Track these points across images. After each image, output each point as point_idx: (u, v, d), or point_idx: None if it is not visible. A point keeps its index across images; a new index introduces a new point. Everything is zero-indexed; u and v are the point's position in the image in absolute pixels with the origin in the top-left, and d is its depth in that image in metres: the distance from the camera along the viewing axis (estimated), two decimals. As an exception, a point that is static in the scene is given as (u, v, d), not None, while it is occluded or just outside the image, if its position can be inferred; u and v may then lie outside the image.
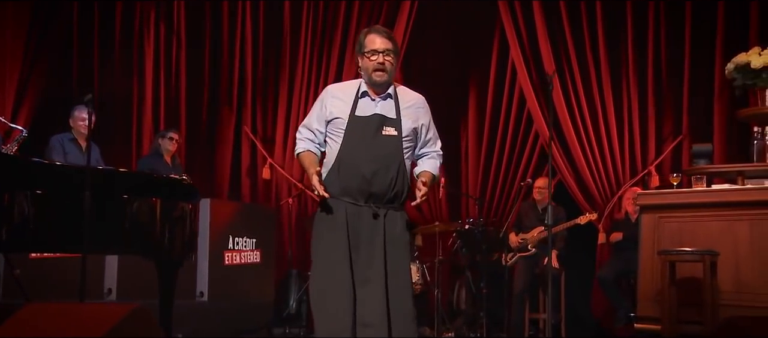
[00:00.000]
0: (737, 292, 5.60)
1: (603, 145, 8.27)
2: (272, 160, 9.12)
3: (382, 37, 4.11)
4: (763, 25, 7.74)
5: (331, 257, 4.02)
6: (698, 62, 8.08)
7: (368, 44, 4.11)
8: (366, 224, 4.04)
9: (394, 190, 4.08)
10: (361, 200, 4.04)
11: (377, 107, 4.13)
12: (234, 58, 9.38)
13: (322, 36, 9.12)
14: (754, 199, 5.69)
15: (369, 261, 4.01)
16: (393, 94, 4.18)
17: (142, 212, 5.03)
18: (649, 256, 5.94)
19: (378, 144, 4.05)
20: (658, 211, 5.99)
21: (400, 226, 4.13)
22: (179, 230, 5.13)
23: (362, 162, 4.02)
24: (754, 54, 6.59)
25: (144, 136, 9.13)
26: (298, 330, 7.94)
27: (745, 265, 5.61)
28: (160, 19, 9.35)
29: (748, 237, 5.63)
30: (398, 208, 4.14)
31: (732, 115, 7.80)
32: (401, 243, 4.12)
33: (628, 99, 8.26)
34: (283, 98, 9.17)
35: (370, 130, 4.07)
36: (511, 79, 8.79)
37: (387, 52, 4.08)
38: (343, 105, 4.14)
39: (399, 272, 4.06)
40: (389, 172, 4.05)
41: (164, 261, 5.06)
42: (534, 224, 7.87)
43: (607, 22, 8.34)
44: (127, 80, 9.18)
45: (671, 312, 5.53)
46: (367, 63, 4.11)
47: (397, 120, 4.12)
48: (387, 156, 4.06)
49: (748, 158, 7.29)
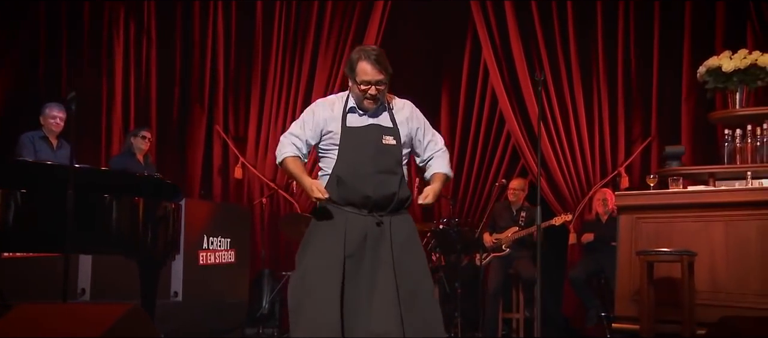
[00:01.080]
0: (712, 292, 5.71)
1: (574, 146, 8.36)
2: (244, 159, 9.07)
3: (375, 67, 3.96)
4: (729, 29, 7.88)
5: (321, 262, 3.92)
6: (666, 66, 8.20)
7: (360, 74, 3.98)
8: (370, 233, 3.97)
9: (397, 200, 4.04)
10: (363, 210, 3.99)
11: (370, 118, 4.08)
12: (205, 57, 9.30)
13: (294, 35, 9.09)
14: (729, 201, 5.81)
15: (374, 269, 3.94)
16: (386, 106, 4.13)
17: (124, 211, 4.97)
18: (627, 256, 6.03)
19: (379, 155, 4.00)
20: (636, 212, 6.09)
21: (408, 230, 4.08)
22: (162, 230, 5.09)
23: (363, 175, 3.97)
24: (725, 58, 6.74)
25: (113, 134, 9.02)
26: (271, 330, 7.91)
27: (720, 265, 5.73)
28: (130, 17, 9.25)
29: (723, 238, 5.74)
30: (403, 212, 4.10)
31: (698, 117, 7.96)
32: (411, 246, 4.07)
33: (599, 101, 8.36)
34: (255, 97, 9.12)
35: (368, 141, 4.02)
36: (483, 80, 8.84)
37: (379, 82, 3.98)
38: (333, 117, 4.06)
39: (414, 276, 3.99)
40: (392, 184, 4.01)
41: (147, 260, 5.01)
42: (508, 224, 7.92)
43: (577, 25, 8.42)
44: (96, 78, 9.06)
45: (649, 312, 5.62)
46: (357, 90, 4.01)
47: (395, 128, 4.08)
48: (387, 166, 4.02)
49: (715, 159, 7.46)
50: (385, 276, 3.93)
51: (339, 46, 8.89)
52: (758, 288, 5.56)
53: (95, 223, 4.88)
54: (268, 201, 8.74)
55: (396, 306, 3.89)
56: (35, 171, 4.91)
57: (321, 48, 8.95)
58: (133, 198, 4.95)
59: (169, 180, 5.44)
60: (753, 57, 6.65)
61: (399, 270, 3.95)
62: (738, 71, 6.68)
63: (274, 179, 8.93)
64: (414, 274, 4.00)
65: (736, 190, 5.97)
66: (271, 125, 9.03)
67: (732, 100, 6.87)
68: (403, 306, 3.90)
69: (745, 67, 6.65)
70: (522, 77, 8.47)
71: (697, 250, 5.61)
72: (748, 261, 5.63)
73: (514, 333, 7.98)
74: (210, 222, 7.49)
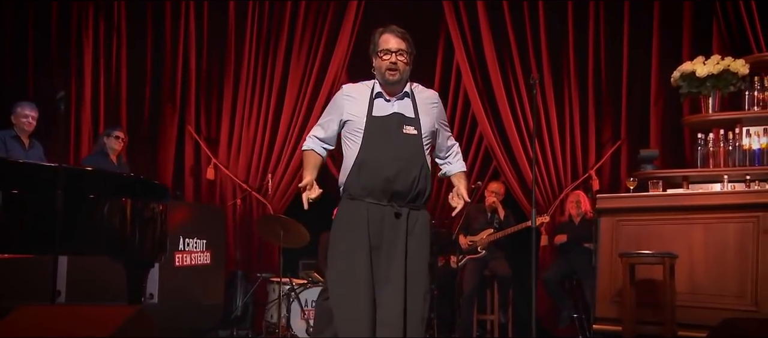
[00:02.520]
0: (692, 293, 5.82)
1: (545, 149, 8.43)
2: (216, 159, 8.99)
3: (396, 36, 4.08)
4: (696, 35, 8.00)
5: (352, 260, 3.98)
6: (636, 71, 8.30)
7: (382, 44, 4.09)
8: (388, 224, 4.03)
9: (416, 190, 4.08)
10: (383, 199, 4.03)
11: (394, 106, 4.13)
12: (177, 56, 9.21)
13: (267, 35, 9.04)
14: (708, 204, 5.91)
15: (389, 261, 4.01)
16: (410, 93, 4.18)
17: (112, 212, 4.90)
18: (608, 258, 6.12)
19: (399, 143, 4.04)
20: (617, 215, 6.17)
21: (422, 227, 4.12)
22: (150, 230, 5.03)
23: (384, 162, 4.01)
24: (698, 63, 6.88)
25: (83, 134, 8.91)
26: (245, 331, 7.86)
27: (699, 267, 5.83)
28: (100, 15, 9.13)
29: (702, 240, 5.85)
30: (420, 207, 4.15)
31: (667, 121, 8.09)
32: (423, 245, 4.11)
33: (570, 105, 8.44)
34: (227, 97, 9.05)
35: (390, 130, 4.06)
36: (456, 82, 8.89)
37: (400, 51, 4.06)
38: (359, 105, 4.12)
39: (418, 274, 4.05)
40: (412, 172, 4.04)
41: (134, 261, 4.95)
42: (482, 227, 7.97)
43: (549, 29, 8.50)
44: (65, 78, 8.93)
45: (631, 314, 5.70)
46: (379, 62, 4.09)
47: (417, 119, 4.12)
48: (409, 156, 4.05)
49: (683, 162, 7.62)
50: (397, 269, 3.99)
51: (312, 47, 8.86)
52: (736, 290, 5.68)
53: (82, 224, 4.79)
54: (241, 202, 8.68)
55: (402, 300, 3.95)
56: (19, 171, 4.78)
57: (294, 48, 8.91)
58: (120, 198, 4.88)
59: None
60: (725, 62, 6.79)
61: (410, 267, 4.01)
62: (711, 76, 6.82)
63: (246, 180, 8.88)
64: (419, 273, 4.05)
65: (715, 194, 6.10)
66: (243, 126, 8.97)
67: (705, 104, 7.01)
68: (408, 301, 3.97)
69: (718, 73, 6.79)
70: (494, 80, 8.53)
71: (677, 252, 5.71)
72: (726, 263, 5.74)
73: (488, 334, 8.03)
74: (186, 224, 7.42)
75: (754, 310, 5.54)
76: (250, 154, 8.92)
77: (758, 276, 5.59)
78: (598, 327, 6.12)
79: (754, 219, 5.67)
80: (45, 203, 4.60)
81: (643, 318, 5.80)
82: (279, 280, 7.21)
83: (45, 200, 4.60)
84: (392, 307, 3.93)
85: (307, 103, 8.78)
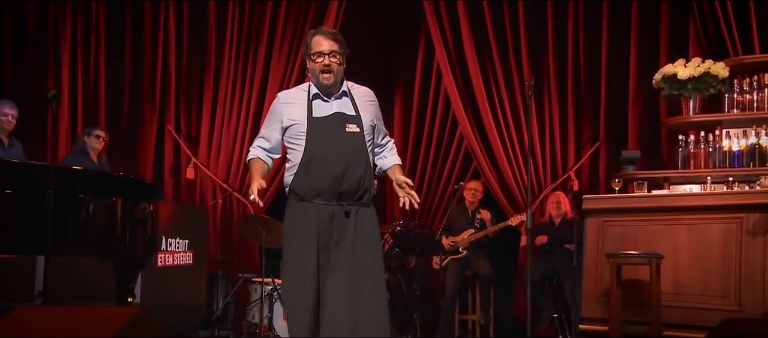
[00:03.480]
0: (676, 293, 5.88)
1: (525, 149, 8.47)
2: (196, 159, 8.94)
3: (328, 38, 4.11)
4: (673, 39, 8.07)
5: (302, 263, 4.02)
6: (614, 72, 8.36)
7: (314, 46, 4.11)
8: (336, 223, 4.06)
9: (363, 187, 4.12)
10: (332, 199, 4.06)
11: (333, 106, 4.16)
12: (156, 55, 9.14)
13: (248, 35, 9.00)
14: (692, 205, 5.99)
15: (336, 261, 4.04)
16: (347, 91, 4.22)
17: (103, 212, 4.85)
18: (593, 259, 6.17)
19: (343, 142, 4.08)
20: (602, 215, 6.23)
21: (371, 225, 4.17)
22: (141, 230, 4.98)
23: (330, 161, 4.04)
24: (680, 66, 6.96)
25: (60, 133, 8.82)
26: (226, 332, 7.82)
27: (683, 267, 5.90)
28: (77, 13, 9.04)
29: (686, 241, 5.92)
30: (368, 205, 4.19)
31: (644, 122, 8.17)
32: (373, 242, 4.17)
33: (550, 105, 8.50)
34: (207, 97, 9.00)
35: (333, 129, 4.09)
36: (436, 82, 8.91)
37: (333, 53, 4.09)
38: (297, 109, 4.15)
39: (371, 272, 4.09)
40: (358, 170, 4.09)
41: (125, 262, 4.89)
42: (464, 227, 8.00)
43: (529, 31, 8.54)
44: (42, 76, 8.81)
45: (618, 313, 5.76)
46: (313, 65, 4.12)
47: (357, 116, 4.16)
48: (354, 154, 4.09)
49: (661, 163, 7.70)
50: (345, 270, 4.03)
51: (293, 47, 8.83)
52: (720, 289, 5.75)
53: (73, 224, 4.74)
54: (223, 202, 8.63)
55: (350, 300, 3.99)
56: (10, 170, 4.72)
57: (275, 48, 8.88)
58: (111, 198, 4.83)
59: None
60: (706, 65, 6.89)
61: (361, 266, 4.05)
62: (692, 79, 6.91)
63: (226, 180, 8.83)
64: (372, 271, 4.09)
65: (700, 195, 6.17)
66: (223, 125, 8.92)
67: (686, 106, 7.10)
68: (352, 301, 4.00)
69: (699, 75, 6.88)
70: (475, 80, 8.56)
71: (662, 253, 5.77)
72: (710, 263, 5.81)
73: (469, 334, 8.06)
74: (168, 224, 7.34)
75: (738, 310, 5.60)
76: (230, 153, 8.88)
77: (741, 277, 5.65)
78: (585, 327, 6.17)
79: (737, 220, 5.74)
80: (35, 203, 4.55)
81: (628, 318, 5.85)
82: (261, 281, 7.18)
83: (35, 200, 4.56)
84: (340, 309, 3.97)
85: (288, 103, 8.71)
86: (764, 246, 5.61)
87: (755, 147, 6.71)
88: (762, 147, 6.68)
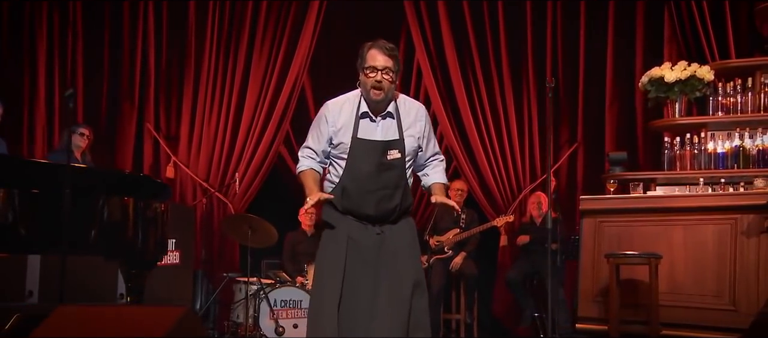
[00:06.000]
0: (672, 292, 5.97)
1: (505, 150, 8.53)
2: (176, 158, 8.81)
3: (384, 54, 4.03)
4: (648, 43, 8.20)
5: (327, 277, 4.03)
6: (591, 75, 8.47)
7: (369, 60, 4.04)
8: (369, 239, 4.04)
9: (397, 213, 4.09)
10: (364, 221, 4.05)
11: (378, 129, 4.09)
12: (135, 52, 9.01)
13: (229, 33, 8.93)
14: (687, 205, 6.09)
15: (374, 275, 4.00)
16: (394, 112, 4.13)
17: (116, 212, 4.76)
18: (590, 258, 6.23)
19: (382, 171, 4.02)
20: (599, 216, 6.30)
21: (405, 238, 4.12)
22: (152, 230, 4.89)
23: (366, 190, 4.01)
24: (666, 69, 7.08)
25: (36, 130, 8.63)
26: (210, 332, 7.71)
27: (679, 267, 5.99)
28: (54, 10, 8.86)
29: (682, 241, 6.01)
30: (398, 221, 4.13)
31: (621, 124, 8.29)
32: (407, 255, 4.09)
33: (529, 107, 8.56)
34: (187, 95, 8.90)
35: (374, 157, 4.02)
36: (416, 81, 8.93)
37: (386, 70, 4.02)
38: (345, 125, 4.08)
39: (408, 281, 4.02)
40: (394, 199, 4.05)
41: (137, 261, 4.79)
42: (449, 227, 8.01)
43: (508, 31, 8.62)
44: (17, 72, 8.61)
45: (617, 313, 5.82)
46: (364, 79, 4.05)
47: (400, 141, 4.08)
48: (391, 183, 4.03)
49: (636, 164, 7.81)
50: (382, 280, 3.99)
51: (274, 46, 8.78)
52: (715, 289, 5.85)
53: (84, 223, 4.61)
54: (207, 201, 8.51)
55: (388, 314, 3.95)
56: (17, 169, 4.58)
57: (256, 47, 8.82)
58: (123, 197, 4.72)
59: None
60: (692, 69, 7.01)
61: (391, 279, 3.99)
62: (679, 82, 7.02)
63: (207, 179, 8.73)
64: (403, 284, 4.02)
65: (695, 196, 6.27)
66: (204, 124, 8.82)
67: (672, 109, 7.21)
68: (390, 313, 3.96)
69: (685, 78, 6.99)
70: (455, 80, 8.59)
71: (658, 252, 5.85)
72: (705, 263, 5.91)
73: (453, 333, 8.08)
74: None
75: (733, 309, 5.72)
76: (210, 152, 8.79)
77: (736, 276, 5.77)
78: (582, 326, 6.23)
79: (732, 221, 5.85)
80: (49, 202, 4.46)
81: (624, 317, 5.92)
82: (247, 280, 7.10)
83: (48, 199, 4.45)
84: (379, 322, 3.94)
85: (269, 102, 8.71)
86: (758, 246, 5.73)
87: (739, 149, 6.86)
88: (746, 149, 6.83)
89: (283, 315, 7.19)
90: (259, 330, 7.05)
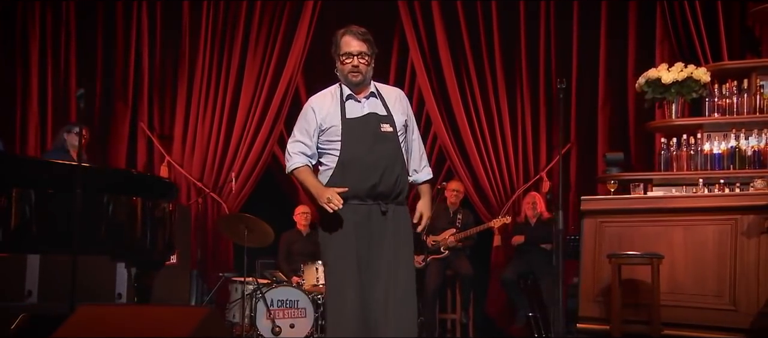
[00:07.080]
0: (672, 292, 6.00)
1: (499, 151, 8.55)
2: (170, 158, 8.77)
3: (357, 39, 4.12)
4: (640, 44, 8.25)
5: (342, 271, 4.05)
6: (584, 76, 8.50)
7: (343, 46, 4.13)
8: (375, 222, 4.07)
9: (399, 187, 4.14)
10: (368, 200, 4.07)
11: (366, 106, 4.16)
12: (129, 51, 8.97)
13: (223, 32, 8.91)
14: (687, 206, 6.13)
15: (378, 261, 4.06)
16: (376, 92, 4.22)
17: (124, 211, 4.72)
18: (591, 259, 6.25)
19: (379, 143, 4.08)
20: (599, 216, 6.32)
21: (406, 223, 4.20)
22: (160, 230, 4.86)
23: (368, 163, 4.05)
24: (663, 70, 7.10)
25: (29, 129, 8.57)
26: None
27: (679, 267, 6.03)
28: (47, 8, 8.81)
29: (682, 241, 6.05)
30: (402, 204, 4.21)
31: (613, 125, 8.33)
32: (408, 241, 4.19)
33: (522, 108, 8.58)
34: (182, 94, 8.88)
35: (368, 130, 4.10)
36: (410, 81, 8.93)
37: (362, 54, 4.11)
38: (331, 111, 4.14)
39: (406, 270, 4.12)
40: (395, 170, 4.10)
41: (145, 262, 4.75)
42: (445, 227, 8.02)
43: (502, 32, 8.64)
44: (10, 72, 8.56)
45: (619, 313, 5.84)
46: (341, 66, 4.13)
47: (390, 116, 4.16)
48: (390, 154, 4.10)
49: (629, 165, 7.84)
50: (384, 267, 4.06)
51: (268, 45, 8.77)
52: (715, 289, 5.89)
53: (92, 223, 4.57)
54: (202, 201, 8.46)
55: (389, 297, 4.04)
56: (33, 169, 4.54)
57: (250, 46, 8.81)
58: (130, 197, 4.68)
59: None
60: (689, 70, 7.03)
61: (397, 264, 4.08)
62: (675, 83, 7.05)
63: (201, 178, 8.68)
64: (406, 269, 4.13)
65: (695, 196, 6.31)
66: (198, 123, 8.80)
67: (668, 110, 7.24)
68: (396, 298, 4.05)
69: (682, 79, 7.02)
70: (449, 80, 8.60)
71: (658, 252, 5.88)
72: (705, 263, 5.95)
73: (448, 333, 8.09)
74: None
75: (733, 309, 5.76)
76: (204, 151, 8.77)
77: (736, 277, 5.81)
78: (583, 325, 6.25)
79: (732, 221, 5.89)
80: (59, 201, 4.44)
81: (625, 317, 5.95)
82: (243, 280, 7.07)
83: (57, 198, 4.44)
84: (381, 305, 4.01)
85: (263, 102, 8.70)
86: (758, 246, 5.77)
87: (735, 150, 6.89)
88: (741, 150, 6.87)
89: (280, 315, 7.15)
90: (255, 330, 7.02)
